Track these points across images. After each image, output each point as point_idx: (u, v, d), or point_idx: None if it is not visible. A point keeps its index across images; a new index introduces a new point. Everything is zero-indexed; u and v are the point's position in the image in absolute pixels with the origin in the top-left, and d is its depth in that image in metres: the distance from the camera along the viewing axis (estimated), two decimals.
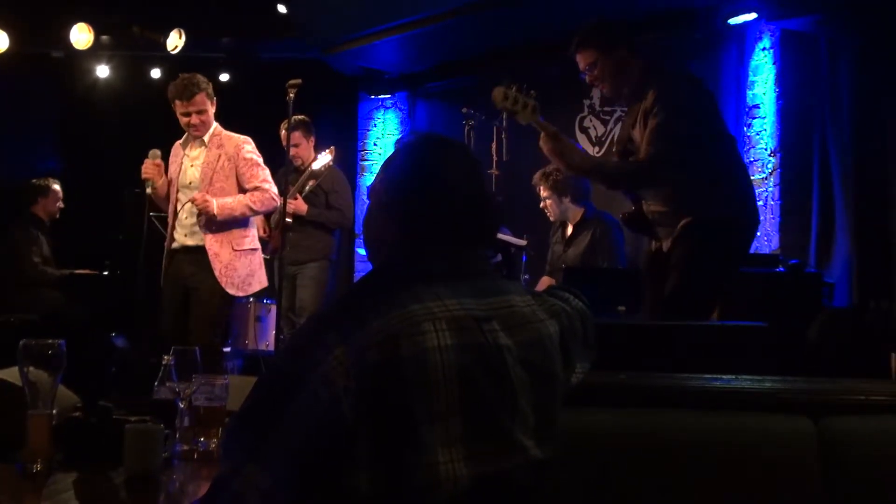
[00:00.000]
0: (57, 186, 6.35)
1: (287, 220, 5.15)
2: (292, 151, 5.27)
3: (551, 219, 5.16)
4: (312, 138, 5.46)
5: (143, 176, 4.17)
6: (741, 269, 4.15)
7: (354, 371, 1.28)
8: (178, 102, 4.18)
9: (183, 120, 4.19)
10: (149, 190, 4.16)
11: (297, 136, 5.30)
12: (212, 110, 4.23)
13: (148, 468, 1.61)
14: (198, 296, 4.19)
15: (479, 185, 1.52)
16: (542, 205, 5.10)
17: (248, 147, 4.28)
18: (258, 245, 4.40)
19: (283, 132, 5.24)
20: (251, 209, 4.21)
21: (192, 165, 4.26)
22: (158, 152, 4.22)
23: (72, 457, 1.69)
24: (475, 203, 1.48)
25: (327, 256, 5.51)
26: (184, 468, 1.79)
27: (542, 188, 5.06)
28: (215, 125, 4.29)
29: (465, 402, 1.32)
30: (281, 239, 4.97)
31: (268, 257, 5.34)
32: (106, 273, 6.32)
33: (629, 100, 3.41)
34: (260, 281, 4.34)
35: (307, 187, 5.24)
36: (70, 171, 6.77)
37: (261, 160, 4.33)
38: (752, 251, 5.22)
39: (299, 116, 5.32)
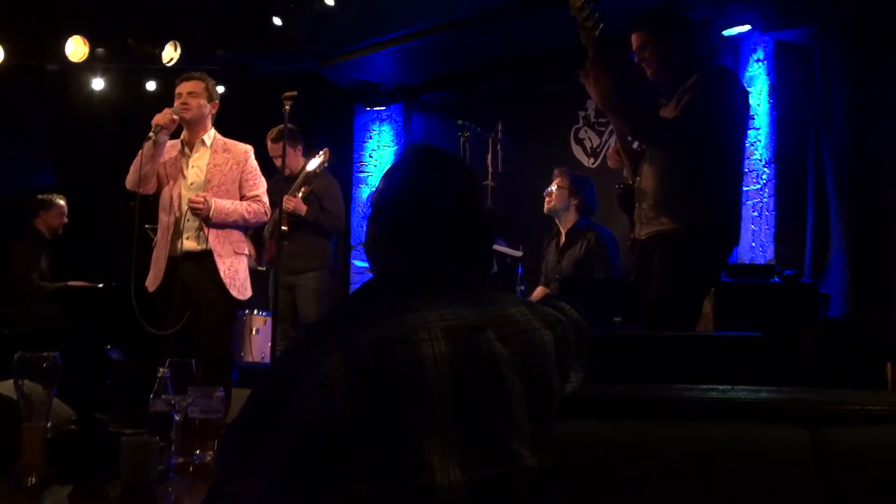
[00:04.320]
0: (62, 202, 6.36)
1: (283, 228, 5.13)
2: (278, 162, 5.23)
3: (546, 208, 5.07)
4: (300, 146, 5.40)
5: (154, 121, 4.06)
6: (737, 280, 4.18)
7: (350, 377, 1.28)
8: (177, 86, 4.23)
9: (176, 102, 4.18)
10: (152, 135, 4.04)
11: (281, 146, 5.26)
12: (206, 107, 4.22)
13: (143, 481, 1.61)
14: (208, 305, 4.11)
15: (473, 200, 1.53)
16: (547, 192, 5.04)
17: (253, 156, 4.34)
18: (247, 251, 4.41)
19: (269, 143, 5.23)
20: (244, 218, 4.21)
21: (193, 167, 4.23)
22: (178, 111, 4.14)
23: (67, 470, 1.69)
24: (468, 217, 1.50)
25: (325, 265, 5.41)
26: (179, 481, 1.79)
27: (559, 179, 5.02)
28: (214, 131, 4.29)
29: (460, 410, 1.32)
30: (277, 248, 4.96)
31: (263, 268, 5.32)
32: (101, 285, 6.31)
33: (670, 87, 3.45)
34: (250, 286, 4.32)
35: (301, 193, 5.21)
36: (65, 184, 6.77)
37: (259, 171, 4.37)
38: (747, 262, 5.26)
39: (281, 126, 5.29)
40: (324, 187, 5.36)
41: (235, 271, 4.18)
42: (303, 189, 5.18)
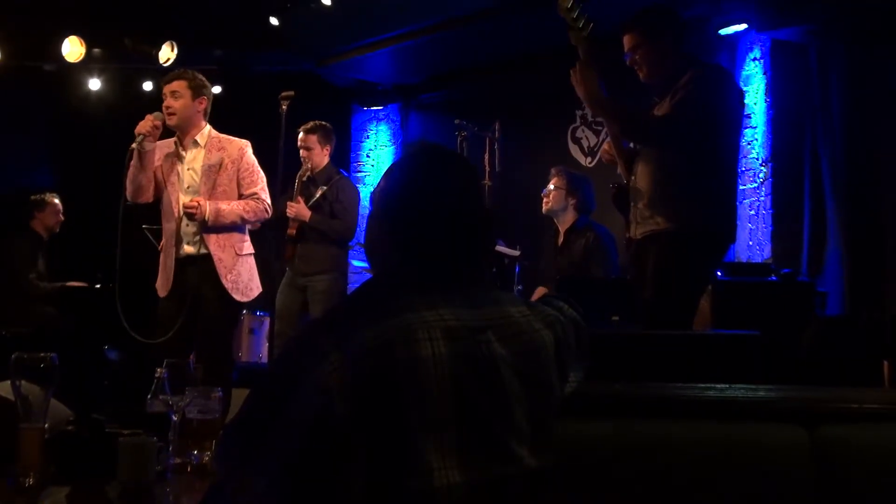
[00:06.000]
0: (56, 200, 6.37)
1: (291, 231, 5.13)
2: (303, 154, 5.23)
3: (544, 209, 5.05)
4: (328, 147, 5.34)
5: (137, 130, 3.90)
6: (735, 279, 4.19)
7: (349, 377, 1.28)
8: (163, 87, 4.11)
9: (163, 105, 4.06)
10: (136, 145, 3.88)
11: (312, 140, 5.24)
12: (192, 106, 4.07)
13: (141, 482, 1.60)
14: (209, 308, 4.04)
15: (473, 199, 1.53)
16: (544, 192, 5.01)
17: (249, 151, 4.21)
18: (253, 249, 4.28)
19: (301, 133, 5.23)
20: (242, 218, 4.11)
21: (189, 169, 4.12)
22: (162, 115, 4.00)
23: (65, 470, 1.69)
24: (467, 216, 1.49)
25: (336, 268, 5.33)
26: (177, 481, 1.78)
27: (556, 179, 5.00)
28: (208, 128, 4.17)
29: (459, 411, 1.32)
30: (291, 250, 4.98)
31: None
32: (98, 285, 6.30)
33: (663, 89, 3.43)
34: (258, 286, 4.22)
35: (315, 196, 5.20)
36: (63, 184, 6.76)
37: (258, 166, 4.25)
38: (744, 260, 5.27)
39: (321, 122, 5.30)
40: (336, 192, 5.28)
41: (238, 273, 4.09)
42: (318, 193, 5.18)
